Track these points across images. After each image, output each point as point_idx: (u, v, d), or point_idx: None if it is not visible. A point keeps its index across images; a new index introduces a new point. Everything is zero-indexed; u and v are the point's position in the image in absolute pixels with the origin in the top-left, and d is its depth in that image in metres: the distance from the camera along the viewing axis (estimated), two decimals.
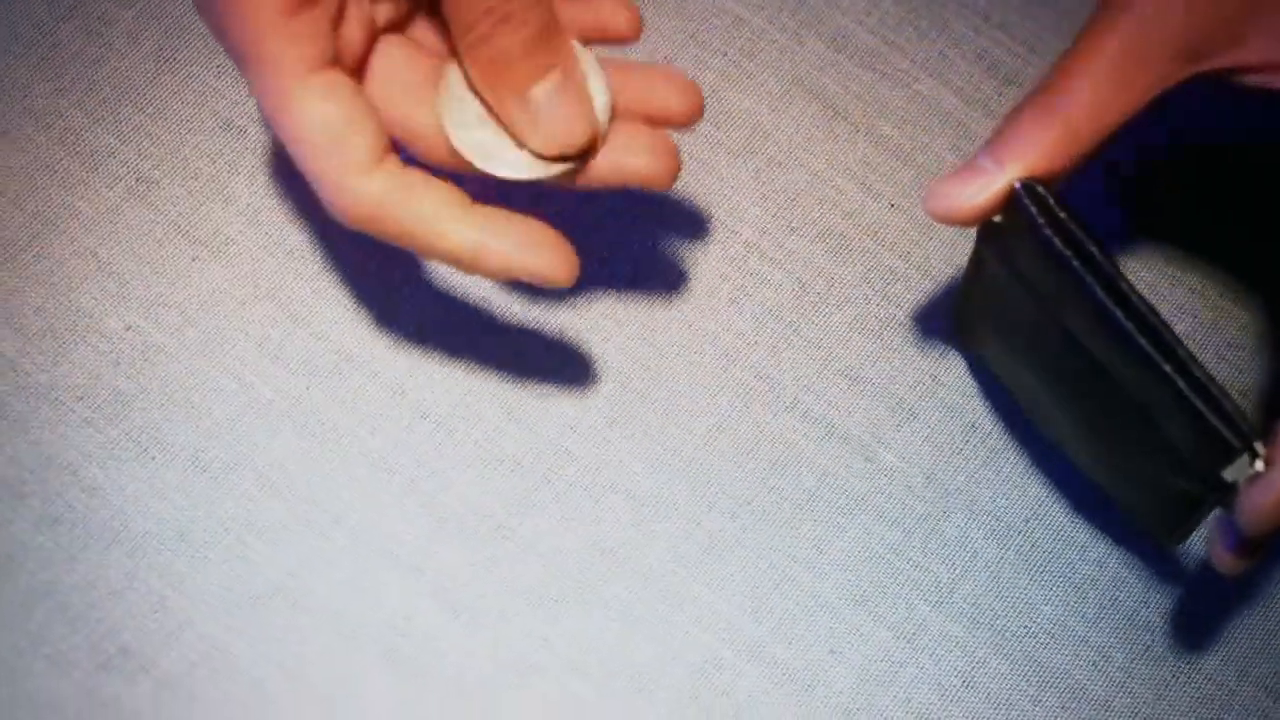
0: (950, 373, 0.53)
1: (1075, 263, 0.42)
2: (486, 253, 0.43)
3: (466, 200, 0.43)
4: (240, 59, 0.42)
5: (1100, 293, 0.42)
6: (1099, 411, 0.45)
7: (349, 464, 0.50)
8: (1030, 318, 0.45)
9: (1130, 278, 0.48)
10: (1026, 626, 0.50)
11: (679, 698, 0.48)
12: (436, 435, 0.50)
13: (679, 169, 0.45)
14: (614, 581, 0.49)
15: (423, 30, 0.45)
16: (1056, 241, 0.42)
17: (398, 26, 0.45)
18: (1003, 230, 0.44)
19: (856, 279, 0.53)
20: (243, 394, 0.50)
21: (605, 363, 0.52)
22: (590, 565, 0.50)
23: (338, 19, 0.42)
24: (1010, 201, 0.43)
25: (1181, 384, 0.42)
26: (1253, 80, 0.43)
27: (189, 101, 0.54)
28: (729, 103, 0.55)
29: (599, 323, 0.52)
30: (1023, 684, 0.49)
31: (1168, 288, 0.54)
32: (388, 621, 0.48)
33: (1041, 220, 0.42)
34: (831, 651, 0.49)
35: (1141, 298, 0.42)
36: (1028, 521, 0.51)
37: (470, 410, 0.51)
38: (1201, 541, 0.51)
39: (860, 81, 0.56)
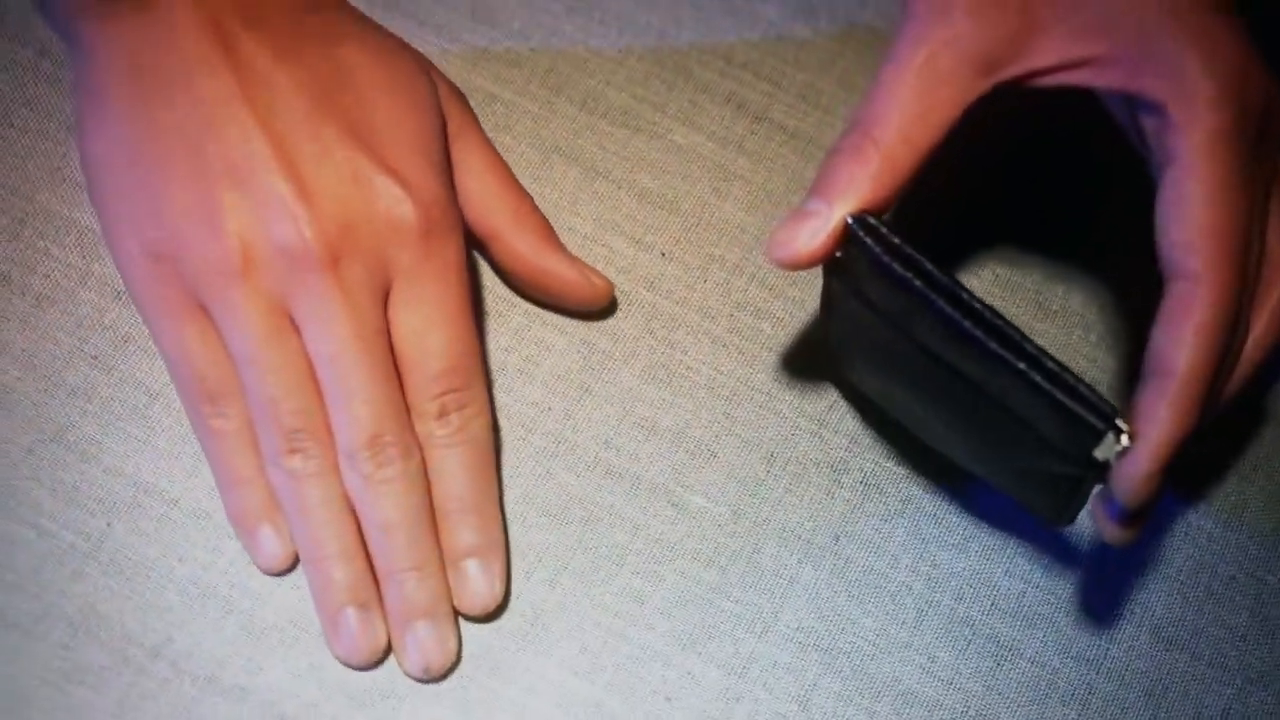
0: (742, 408, 0.54)
1: (916, 282, 0.45)
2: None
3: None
4: None
5: (945, 306, 0.45)
6: (969, 415, 0.47)
7: (161, 595, 0.49)
8: (886, 339, 0.48)
9: (969, 285, 0.50)
10: (852, 641, 0.51)
11: None
12: (246, 552, 0.50)
13: None
14: None
15: None
16: (895, 266, 0.45)
17: None
18: (845, 263, 0.47)
19: (639, 331, 0.55)
20: (42, 542, 0.50)
21: None
22: None
23: None
24: (846, 236, 0.46)
25: (1037, 378, 0.44)
26: (1048, 82, 0.46)
27: None
28: None
29: None
30: (857, 698, 0.50)
31: (1001, 290, 0.56)
32: None
33: (878, 249, 0.45)
34: (667, 699, 0.50)
35: (983, 303, 0.45)
36: (837, 539, 0.52)
37: None
38: (1010, 529, 0.53)
39: (615, 139, 0.57)
